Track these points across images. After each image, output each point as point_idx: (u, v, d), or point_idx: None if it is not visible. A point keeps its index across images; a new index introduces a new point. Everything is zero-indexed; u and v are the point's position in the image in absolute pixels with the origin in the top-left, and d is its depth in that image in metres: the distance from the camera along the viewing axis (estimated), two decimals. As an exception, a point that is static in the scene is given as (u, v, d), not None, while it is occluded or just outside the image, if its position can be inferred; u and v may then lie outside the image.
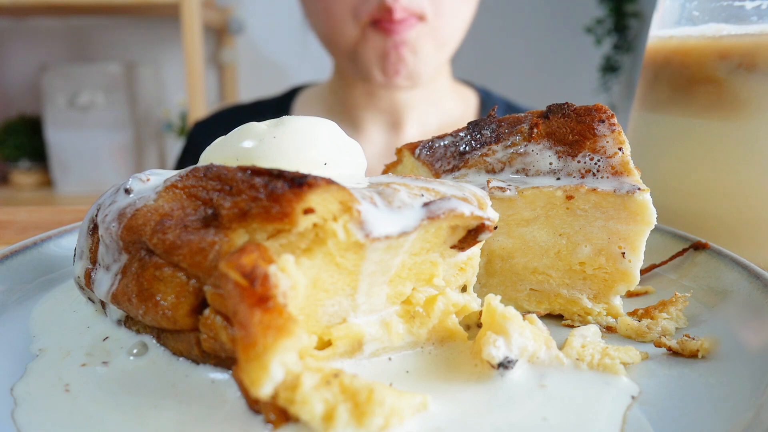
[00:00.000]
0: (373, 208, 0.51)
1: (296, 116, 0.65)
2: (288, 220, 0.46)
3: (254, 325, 0.41)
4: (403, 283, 0.58)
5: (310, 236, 0.50)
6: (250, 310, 0.41)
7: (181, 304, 0.51)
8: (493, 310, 0.55)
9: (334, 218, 0.49)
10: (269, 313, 0.41)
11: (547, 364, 0.55)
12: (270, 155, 0.60)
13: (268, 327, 0.41)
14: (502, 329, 0.54)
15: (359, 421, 0.43)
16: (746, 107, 0.80)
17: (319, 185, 0.47)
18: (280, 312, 0.42)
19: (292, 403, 0.43)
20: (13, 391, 0.51)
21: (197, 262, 0.49)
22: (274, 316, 0.42)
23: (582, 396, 0.51)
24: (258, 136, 0.62)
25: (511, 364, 0.53)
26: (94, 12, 3.27)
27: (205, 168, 0.55)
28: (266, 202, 0.47)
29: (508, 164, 0.68)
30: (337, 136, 0.65)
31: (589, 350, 0.56)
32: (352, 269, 0.53)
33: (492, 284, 0.69)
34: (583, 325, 0.63)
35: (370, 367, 0.55)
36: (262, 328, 0.41)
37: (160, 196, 0.56)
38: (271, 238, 0.49)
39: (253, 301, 0.41)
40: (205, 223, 0.51)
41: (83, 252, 0.63)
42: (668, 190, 0.87)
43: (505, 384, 0.52)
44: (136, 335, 0.58)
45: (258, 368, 0.41)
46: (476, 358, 0.55)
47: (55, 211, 1.14)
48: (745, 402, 0.49)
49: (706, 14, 0.84)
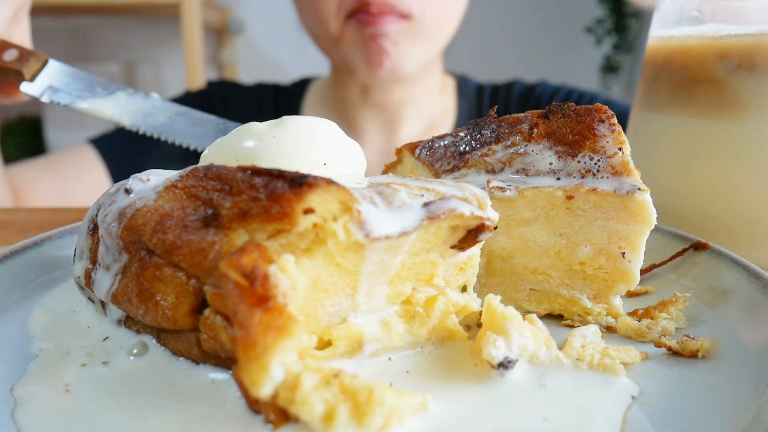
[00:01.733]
0: (373, 208, 0.51)
1: (296, 116, 0.65)
2: (288, 220, 0.46)
3: (254, 325, 0.41)
4: (403, 283, 0.58)
5: (310, 236, 0.50)
6: (250, 310, 0.41)
7: (181, 304, 0.51)
8: (493, 310, 0.55)
9: (334, 218, 0.49)
10: (269, 313, 0.41)
11: (547, 364, 0.55)
12: (270, 155, 0.60)
13: (268, 327, 0.41)
14: (502, 329, 0.54)
15: (359, 421, 0.43)
16: (746, 107, 0.80)
17: (319, 185, 0.47)
18: (280, 312, 0.42)
19: (292, 403, 0.43)
20: (13, 391, 0.51)
21: (197, 262, 0.49)
22: (274, 316, 0.41)
23: (582, 396, 0.51)
24: (257, 136, 0.62)
25: (511, 364, 0.53)
26: (94, 12, 3.27)
27: (205, 168, 0.55)
28: (266, 202, 0.47)
29: (508, 164, 0.68)
30: (337, 137, 0.65)
31: (589, 350, 0.56)
32: (352, 269, 0.53)
33: (492, 284, 0.69)
34: (583, 325, 0.63)
35: (370, 367, 0.55)
36: (262, 328, 0.41)
37: (160, 196, 0.56)
38: (271, 238, 0.49)
39: (253, 301, 0.41)
40: (205, 223, 0.51)
41: (83, 252, 0.63)
42: (668, 190, 0.87)
43: (505, 384, 0.52)
44: (136, 335, 0.58)
45: (258, 368, 0.41)
46: (476, 358, 0.55)
47: (55, 211, 1.14)
48: (745, 402, 0.49)
49: (706, 14, 0.84)
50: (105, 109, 1.03)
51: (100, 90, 1.04)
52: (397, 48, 1.48)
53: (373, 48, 1.47)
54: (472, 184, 0.65)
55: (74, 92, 1.03)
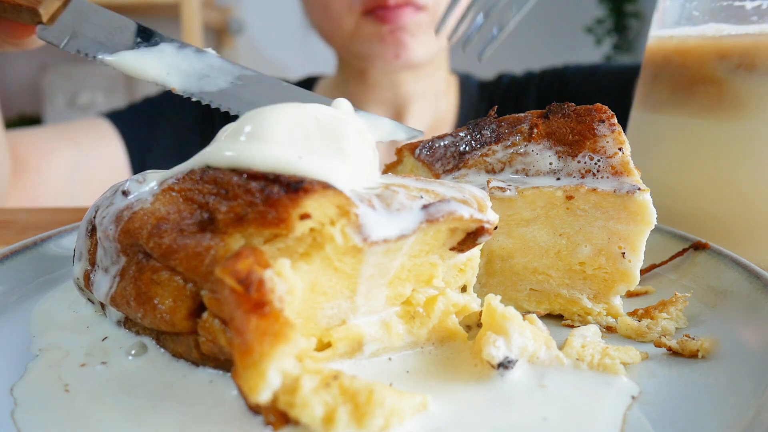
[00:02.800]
0: (372, 212, 0.51)
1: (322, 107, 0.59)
2: (284, 225, 0.46)
3: (250, 332, 0.41)
4: (402, 284, 0.58)
5: (307, 241, 0.50)
6: (246, 316, 0.41)
7: (179, 308, 0.51)
8: (493, 310, 0.55)
9: (331, 222, 0.49)
10: (265, 319, 0.41)
11: (547, 364, 0.55)
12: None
13: (264, 333, 0.41)
14: (502, 329, 0.54)
15: (359, 423, 0.43)
16: (746, 107, 0.80)
17: (315, 190, 0.47)
18: (276, 317, 0.42)
19: (292, 406, 0.43)
20: (13, 391, 0.51)
21: (193, 267, 0.49)
22: (270, 322, 0.41)
23: (582, 396, 0.51)
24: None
25: (511, 364, 0.53)
26: (94, 12, 3.27)
27: (201, 171, 0.55)
28: (262, 207, 0.47)
29: (508, 164, 0.68)
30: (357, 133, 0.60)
31: (589, 350, 0.56)
32: (351, 273, 0.53)
33: (492, 284, 0.69)
34: (583, 325, 0.63)
35: (370, 367, 0.55)
36: (258, 335, 0.41)
37: (157, 198, 0.55)
38: (268, 242, 0.48)
39: (248, 307, 0.41)
40: (201, 227, 0.51)
41: (82, 253, 0.63)
42: (668, 190, 0.87)
43: (505, 384, 0.52)
44: (135, 336, 0.58)
45: (255, 376, 0.41)
46: (476, 358, 0.55)
47: (55, 211, 1.14)
48: (745, 402, 0.49)
49: (706, 14, 0.84)
50: (147, 65, 0.78)
51: (139, 41, 0.80)
52: (414, 39, 1.49)
53: (390, 41, 1.47)
54: (472, 185, 0.65)
55: (105, 41, 0.79)
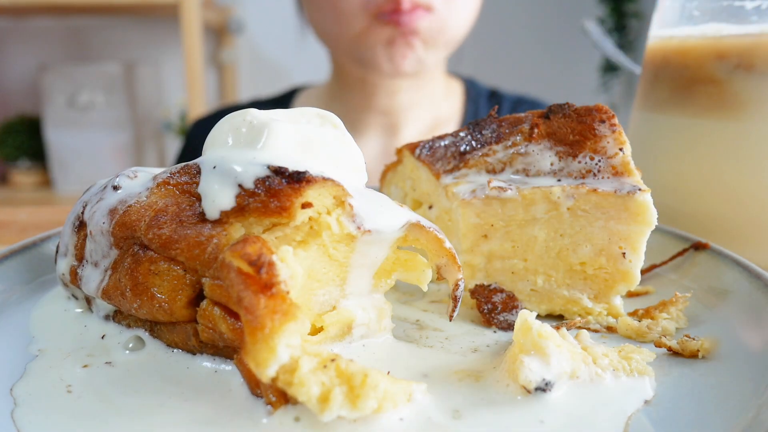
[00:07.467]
0: (365, 203, 0.54)
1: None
2: (287, 214, 0.49)
3: (260, 309, 0.42)
4: (387, 274, 0.61)
5: (304, 229, 0.53)
6: (256, 296, 0.43)
7: (178, 297, 0.53)
8: (528, 328, 0.52)
9: (328, 212, 0.53)
10: (274, 299, 0.43)
11: (588, 382, 0.52)
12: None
13: (274, 311, 0.43)
14: (540, 348, 0.51)
15: (353, 404, 0.44)
16: (746, 107, 0.80)
17: (317, 181, 0.50)
18: (284, 298, 0.44)
19: (290, 385, 0.44)
20: (13, 391, 0.51)
21: (195, 256, 0.51)
22: (278, 301, 0.43)
23: (583, 397, 0.51)
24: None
25: (549, 386, 0.50)
26: (94, 12, 3.27)
27: (197, 165, 0.56)
28: (264, 197, 0.50)
29: (508, 164, 0.68)
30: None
31: (613, 357, 0.54)
32: (343, 261, 0.56)
33: (492, 284, 0.69)
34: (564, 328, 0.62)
35: (368, 355, 0.57)
36: (269, 312, 0.43)
37: (153, 192, 0.57)
38: (267, 231, 0.51)
39: (258, 288, 0.43)
40: (201, 218, 0.53)
41: (68, 249, 0.63)
42: (668, 190, 0.87)
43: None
44: (127, 329, 0.59)
45: (265, 350, 0.42)
46: (509, 378, 0.52)
47: (55, 211, 1.14)
48: (745, 402, 0.49)
49: (706, 14, 0.84)
50: None
51: None
52: (425, 44, 1.49)
53: (400, 43, 1.47)
54: (472, 184, 0.65)
55: None
